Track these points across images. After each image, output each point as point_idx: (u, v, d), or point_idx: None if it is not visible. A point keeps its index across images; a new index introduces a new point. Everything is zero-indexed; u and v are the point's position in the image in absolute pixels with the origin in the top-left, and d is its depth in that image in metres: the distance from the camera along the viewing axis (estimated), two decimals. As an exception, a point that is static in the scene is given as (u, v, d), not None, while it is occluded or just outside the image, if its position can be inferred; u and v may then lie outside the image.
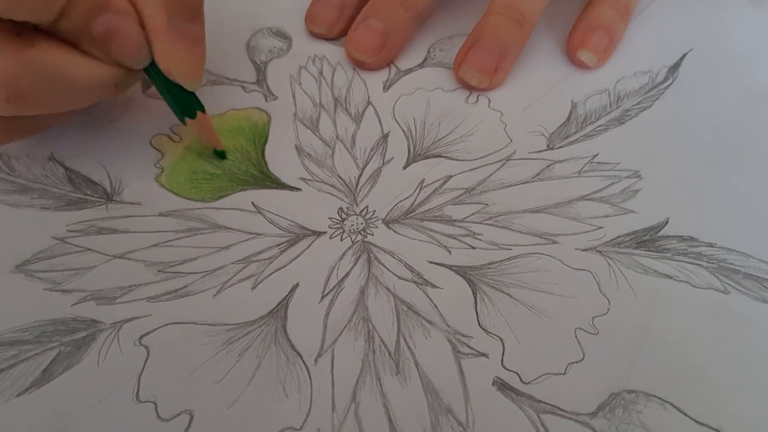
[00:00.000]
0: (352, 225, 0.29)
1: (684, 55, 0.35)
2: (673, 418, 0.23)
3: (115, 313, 0.25)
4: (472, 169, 0.30)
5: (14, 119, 0.26)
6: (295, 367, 0.24)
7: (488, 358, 0.24)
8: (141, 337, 0.25)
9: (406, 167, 0.31)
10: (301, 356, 0.24)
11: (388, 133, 0.32)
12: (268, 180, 0.30)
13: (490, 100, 0.33)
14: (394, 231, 0.28)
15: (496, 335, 0.25)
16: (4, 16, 0.22)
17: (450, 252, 0.28)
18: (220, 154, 0.31)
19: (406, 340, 0.25)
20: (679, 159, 0.31)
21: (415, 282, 0.27)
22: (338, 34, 0.37)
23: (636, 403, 0.23)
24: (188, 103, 0.29)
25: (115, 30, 0.25)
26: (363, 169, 0.31)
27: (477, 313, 0.26)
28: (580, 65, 0.35)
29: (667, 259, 0.27)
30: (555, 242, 0.28)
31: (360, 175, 0.30)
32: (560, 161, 0.30)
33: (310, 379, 0.24)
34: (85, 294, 0.26)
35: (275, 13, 0.38)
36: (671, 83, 0.34)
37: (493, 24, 0.33)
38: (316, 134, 0.32)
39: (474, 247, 0.28)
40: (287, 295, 0.26)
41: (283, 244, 0.28)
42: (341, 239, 0.28)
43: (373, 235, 0.28)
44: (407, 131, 0.32)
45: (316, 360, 0.24)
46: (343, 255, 0.27)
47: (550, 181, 0.30)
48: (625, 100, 0.33)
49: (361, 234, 0.28)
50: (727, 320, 0.25)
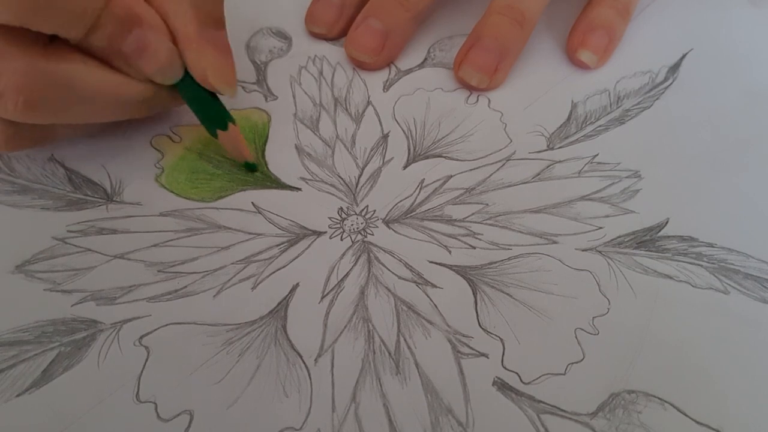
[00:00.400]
0: (352, 225, 0.29)
1: (684, 55, 0.35)
2: (673, 418, 0.23)
3: (115, 313, 0.25)
4: (472, 169, 0.30)
5: (28, 126, 0.26)
6: (295, 367, 0.24)
7: (488, 358, 0.24)
8: (141, 338, 0.25)
9: (406, 167, 0.31)
10: (301, 356, 0.24)
11: (388, 133, 0.32)
12: (268, 180, 0.30)
13: (490, 100, 0.33)
14: (394, 231, 0.28)
15: (496, 335, 0.25)
16: (33, 28, 0.22)
17: (450, 252, 0.28)
18: (251, 167, 0.30)
19: (406, 340, 0.25)
20: (679, 159, 0.31)
21: (415, 282, 0.27)
22: (338, 34, 0.37)
23: (636, 403, 0.23)
24: (219, 115, 0.29)
25: (145, 46, 0.25)
26: (363, 169, 0.31)
27: (477, 313, 0.26)
28: (580, 65, 0.35)
29: (667, 259, 0.27)
30: (555, 242, 0.28)
31: (360, 175, 0.30)
32: (560, 161, 0.30)
33: (310, 379, 0.24)
34: (85, 294, 0.26)
35: (275, 13, 0.38)
36: (671, 83, 0.34)
37: (493, 24, 0.33)
38: (316, 134, 0.32)
39: (474, 247, 0.28)
40: (287, 295, 0.26)
41: (283, 244, 0.28)
42: (341, 239, 0.28)
43: (373, 235, 0.28)
44: (407, 131, 0.32)
45: (316, 360, 0.24)
46: (343, 255, 0.27)
47: (550, 181, 0.30)
48: (625, 100, 0.33)
49: (361, 234, 0.28)
50: (727, 320, 0.25)
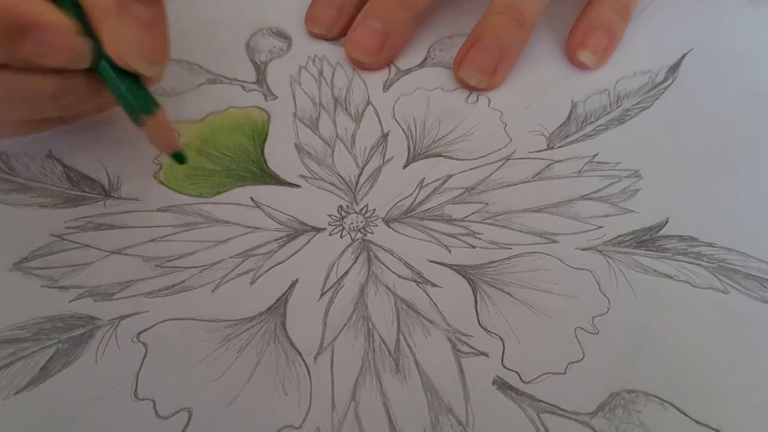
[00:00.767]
0: (352, 223, 0.28)
1: (684, 55, 0.35)
2: (673, 418, 0.23)
3: (113, 309, 0.25)
4: (472, 169, 0.30)
5: None
6: (294, 365, 0.24)
7: (488, 357, 0.24)
8: (139, 334, 0.25)
9: (406, 166, 0.31)
10: (300, 354, 0.24)
11: (388, 132, 0.32)
12: (268, 176, 0.30)
13: (490, 100, 0.33)
14: (394, 230, 0.28)
15: (496, 334, 0.25)
16: None
17: (450, 251, 0.27)
18: (178, 158, 0.28)
19: (406, 339, 0.25)
20: (679, 159, 0.31)
21: (415, 281, 0.27)
22: (338, 35, 0.37)
23: (636, 403, 0.23)
24: (143, 100, 0.25)
25: (40, 47, 0.23)
26: (363, 168, 0.31)
27: (477, 312, 0.26)
28: (580, 65, 0.35)
29: (667, 259, 0.27)
30: (555, 241, 0.28)
31: (360, 174, 0.30)
32: (560, 161, 0.30)
33: (310, 377, 0.24)
34: (82, 290, 0.26)
35: (275, 13, 0.38)
36: (671, 83, 0.34)
37: (493, 24, 0.33)
38: (315, 133, 0.32)
39: (474, 246, 0.28)
40: (286, 291, 0.26)
41: (282, 238, 0.28)
42: (341, 236, 0.28)
43: (373, 234, 0.28)
44: (407, 131, 0.32)
45: (316, 358, 0.24)
46: (343, 252, 0.27)
47: (550, 181, 0.30)
48: (625, 100, 0.33)
49: (361, 232, 0.28)
50: (726, 320, 0.25)
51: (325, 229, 0.28)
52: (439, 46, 0.36)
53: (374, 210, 0.29)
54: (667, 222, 0.28)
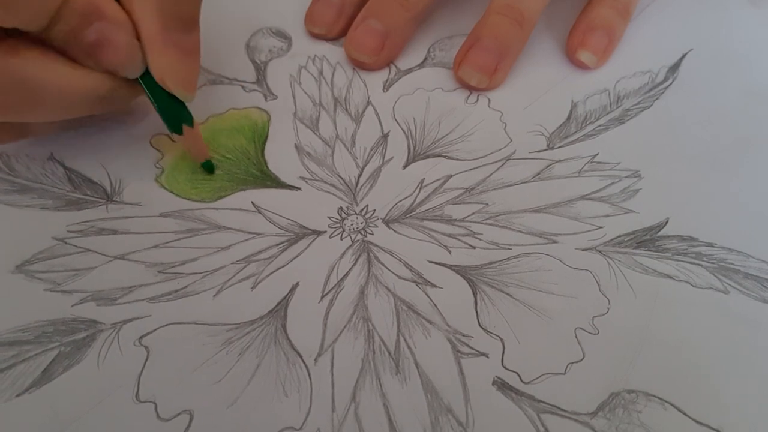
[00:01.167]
0: (352, 224, 0.29)
1: (684, 55, 0.35)
2: (673, 418, 0.23)
3: (115, 313, 0.25)
4: (472, 169, 0.30)
5: None
6: (294, 367, 0.24)
7: (488, 357, 0.24)
8: (141, 338, 0.25)
9: (406, 167, 0.31)
10: (300, 356, 0.24)
11: (388, 132, 0.32)
12: (268, 179, 0.30)
13: (490, 100, 0.33)
14: (394, 230, 0.28)
15: (496, 335, 0.25)
16: None
17: (450, 251, 0.28)
18: (208, 168, 0.30)
19: (406, 340, 0.25)
20: (679, 159, 0.30)
21: (415, 281, 0.27)
22: (338, 35, 0.37)
23: (636, 403, 0.23)
24: (179, 116, 0.28)
25: (105, 39, 0.25)
26: (363, 169, 0.31)
27: (477, 312, 0.26)
28: (580, 65, 0.35)
29: (667, 259, 0.27)
30: (555, 242, 0.28)
31: (360, 175, 0.30)
32: (560, 161, 0.30)
33: (310, 378, 0.24)
34: (85, 295, 0.26)
35: (275, 13, 0.38)
36: (671, 83, 0.34)
37: (493, 24, 0.33)
38: (315, 133, 0.32)
39: (474, 247, 0.28)
40: (287, 295, 0.26)
41: (282, 243, 0.28)
42: (341, 238, 0.28)
43: (373, 235, 0.28)
44: (407, 131, 0.32)
45: (316, 360, 0.24)
46: (343, 254, 0.27)
47: (550, 181, 0.30)
48: (625, 100, 0.33)
49: (361, 233, 0.28)
50: (727, 320, 0.25)
51: (326, 231, 0.28)
52: (439, 46, 0.36)
53: (374, 211, 0.29)
54: (667, 222, 0.28)
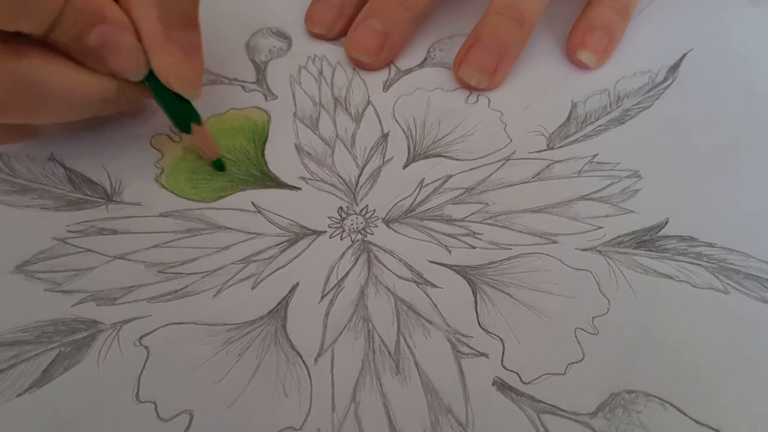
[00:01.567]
0: (352, 224, 0.29)
1: (684, 55, 0.35)
2: (673, 418, 0.23)
3: (116, 313, 0.25)
4: (472, 169, 0.30)
5: (2, 125, 0.26)
6: (294, 367, 0.24)
7: (488, 357, 0.24)
8: (141, 338, 0.25)
9: (406, 167, 0.31)
10: (301, 356, 0.24)
11: (388, 132, 0.32)
12: (268, 179, 0.30)
13: (490, 100, 0.33)
14: (394, 230, 0.28)
15: (496, 335, 0.25)
16: None
17: (450, 251, 0.28)
18: (218, 166, 0.30)
19: (406, 340, 0.25)
20: (679, 159, 0.30)
21: (415, 281, 0.27)
22: (338, 35, 0.37)
23: (636, 403, 0.23)
24: (186, 115, 0.28)
25: (108, 42, 0.25)
26: (363, 169, 0.31)
27: (477, 312, 0.26)
28: (580, 65, 0.35)
29: (667, 259, 0.27)
30: (555, 242, 0.28)
31: (360, 175, 0.30)
32: (560, 161, 0.30)
33: (310, 378, 0.24)
34: (85, 295, 0.26)
35: (275, 13, 0.38)
36: (671, 83, 0.34)
37: (493, 24, 0.33)
38: (315, 133, 0.32)
39: (474, 247, 0.28)
40: (287, 295, 0.26)
41: (282, 243, 0.28)
42: (341, 238, 0.28)
43: (373, 235, 0.28)
44: (407, 131, 0.32)
45: (316, 360, 0.24)
46: (343, 254, 0.27)
47: (550, 181, 0.30)
48: (625, 100, 0.33)
49: (361, 233, 0.28)
50: (727, 320, 0.25)
51: (326, 231, 0.28)
52: (439, 46, 0.36)
53: (374, 211, 0.29)
54: (667, 222, 0.28)
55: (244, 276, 0.27)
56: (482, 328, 0.25)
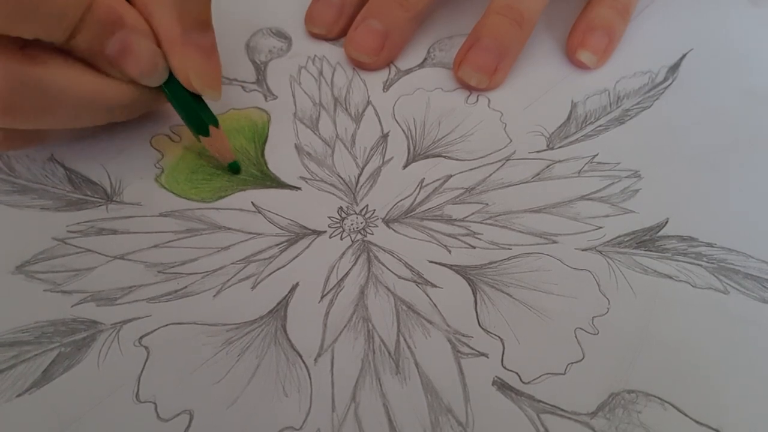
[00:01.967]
0: (352, 224, 0.29)
1: (684, 55, 0.35)
2: (673, 418, 0.23)
3: (115, 313, 0.25)
4: (472, 169, 0.30)
5: (12, 130, 0.26)
6: (294, 367, 0.24)
7: (488, 357, 0.24)
8: (141, 338, 0.25)
9: (406, 167, 0.31)
10: (300, 356, 0.24)
11: (388, 132, 0.32)
12: (268, 179, 0.30)
13: (489, 100, 0.33)
14: (394, 230, 0.28)
15: (496, 335, 0.25)
16: (12, 34, 0.22)
17: (450, 251, 0.28)
18: (234, 168, 0.30)
19: (405, 340, 0.25)
20: (679, 159, 0.31)
21: (415, 281, 0.27)
22: (338, 35, 0.37)
23: (636, 403, 0.23)
24: (204, 118, 0.28)
25: (128, 48, 0.25)
26: (363, 169, 0.31)
27: (477, 312, 0.26)
28: (580, 65, 0.35)
29: (667, 259, 0.27)
30: (555, 242, 0.28)
31: (360, 175, 0.30)
32: (560, 161, 0.30)
33: (310, 378, 0.24)
34: (85, 295, 0.26)
35: (275, 13, 0.38)
36: (671, 83, 0.34)
37: (493, 24, 0.33)
38: (315, 134, 0.32)
39: (474, 247, 0.28)
40: (287, 295, 0.26)
41: (282, 243, 0.28)
42: (341, 238, 0.28)
43: (373, 235, 0.28)
44: (407, 131, 0.32)
45: (316, 360, 0.24)
46: (343, 254, 0.27)
47: (550, 181, 0.30)
48: (625, 100, 0.33)
49: (361, 233, 0.28)
50: (727, 320, 0.25)
51: (326, 231, 0.28)
52: (439, 46, 0.36)
53: (374, 211, 0.29)
54: (667, 222, 0.28)
55: (244, 276, 0.27)
56: (482, 328, 0.25)
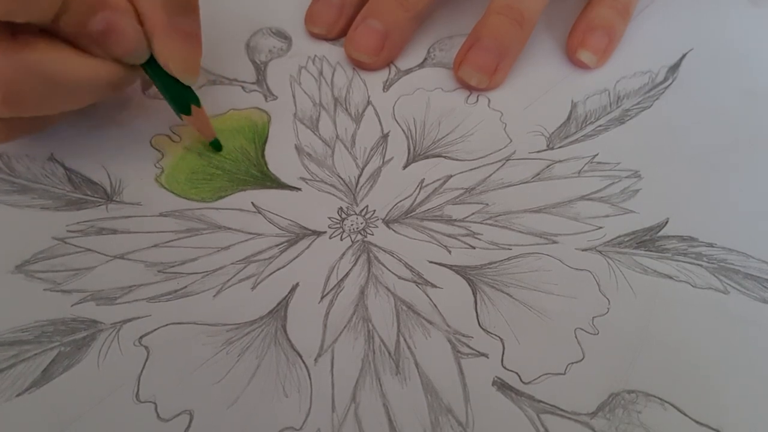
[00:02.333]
0: (352, 225, 0.29)
1: (684, 55, 0.35)
2: (673, 418, 0.23)
3: (115, 313, 0.25)
4: (472, 169, 0.30)
5: (14, 119, 0.26)
6: (294, 367, 0.24)
7: (488, 358, 0.24)
8: (141, 338, 0.25)
9: (406, 167, 0.31)
10: (301, 356, 0.24)
11: (388, 133, 0.32)
12: (268, 180, 0.30)
13: (490, 100, 0.33)
14: (394, 231, 0.28)
15: (496, 335, 0.25)
16: (9, 19, 0.22)
17: (450, 252, 0.28)
18: (216, 146, 0.31)
19: (406, 340, 0.25)
20: (679, 159, 0.31)
21: (415, 282, 0.27)
22: (338, 35, 0.37)
23: (636, 403, 0.23)
24: (185, 98, 0.29)
25: (112, 27, 0.25)
26: (363, 169, 0.31)
27: (477, 312, 0.26)
28: (580, 65, 0.35)
29: (667, 259, 0.27)
30: (555, 242, 0.28)
31: (360, 175, 0.30)
32: (560, 161, 0.30)
33: (310, 379, 0.24)
34: (85, 294, 0.26)
35: (275, 13, 0.38)
36: (671, 83, 0.34)
37: (493, 24, 0.33)
38: (315, 134, 0.32)
39: (474, 247, 0.28)
40: (287, 295, 0.26)
41: (282, 244, 0.28)
42: (341, 239, 0.28)
43: (373, 235, 0.28)
44: (407, 131, 0.32)
45: (316, 360, 0.24)
46: (343, 255, 0.27)
47: (550, 181, 0.30)
48: (625, 100, 0.33)
49: (361, 234, 0.28)
50: (727, 320, 0.25)
51: (326, 232, 0.28)
52: (439, 46, 0.36)
53: (374, 211, 0.29)
54: (667, 222, 0.28)
55: (244, 276, 0.27)
56: (482, 328, 0.25)
